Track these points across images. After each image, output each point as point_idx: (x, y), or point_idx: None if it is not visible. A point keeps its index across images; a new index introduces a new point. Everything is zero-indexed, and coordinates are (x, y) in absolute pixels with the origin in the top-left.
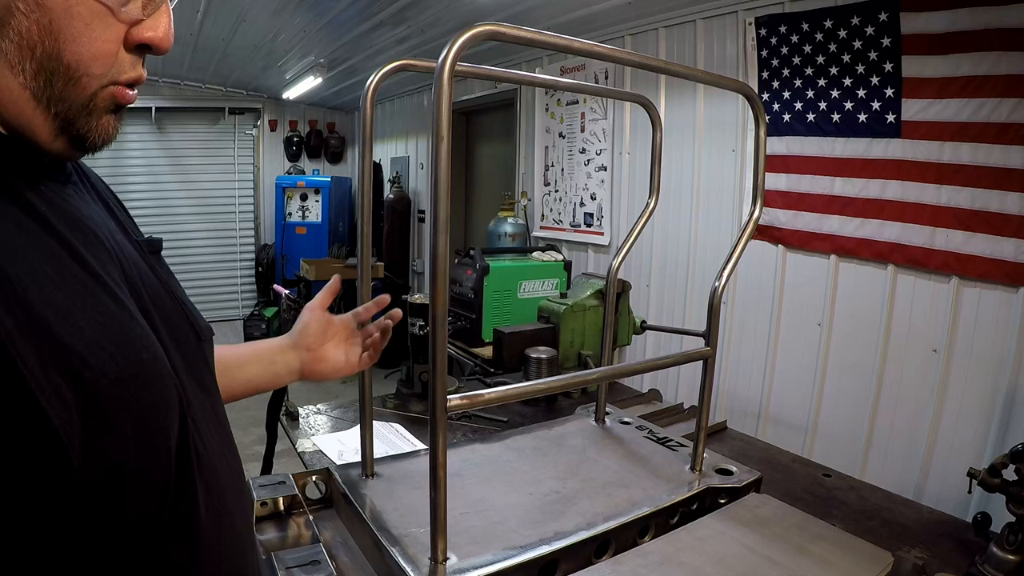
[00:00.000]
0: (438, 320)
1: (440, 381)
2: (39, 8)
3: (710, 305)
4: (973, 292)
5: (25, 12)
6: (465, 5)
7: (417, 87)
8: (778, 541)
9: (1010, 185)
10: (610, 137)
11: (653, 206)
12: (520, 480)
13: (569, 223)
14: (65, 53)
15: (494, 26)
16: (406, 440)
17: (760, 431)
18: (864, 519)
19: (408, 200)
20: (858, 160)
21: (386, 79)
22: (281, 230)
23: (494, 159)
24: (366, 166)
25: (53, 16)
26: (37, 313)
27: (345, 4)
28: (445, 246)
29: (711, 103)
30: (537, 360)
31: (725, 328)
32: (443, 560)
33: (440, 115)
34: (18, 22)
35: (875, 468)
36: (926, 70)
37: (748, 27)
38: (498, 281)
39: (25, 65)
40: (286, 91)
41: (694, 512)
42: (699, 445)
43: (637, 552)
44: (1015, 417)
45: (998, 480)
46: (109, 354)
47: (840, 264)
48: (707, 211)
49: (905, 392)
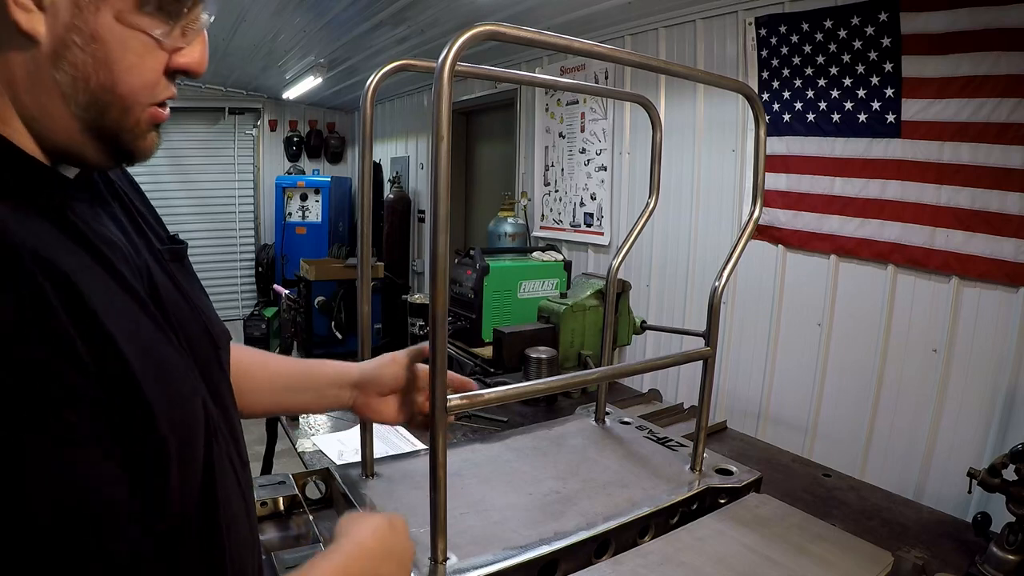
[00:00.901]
0: (438, 320)
1: (440, 381)
2: (95, 42)
3: (710, 305)
4: (973, 292)
5: (81, 46)
6: (465, 5)
7: (417, 87)
8: (778, 541)
9: (1010, 185)
10: (610, 137)
11: (653, 206)
12: (520, 480)
13: (569, 223)
14: (119, 84)
15: (494, 26)
16: (406, 440)
17: (760, 431)
18: (864, 519)
19: (408, 200)
20: (858, 160)
21: (386, 79)
22: (281, 230)
23: (494, 159)
24: (366, 166)
25: (108, 49)
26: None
27: (345, 4)
28: (445, 246)
29: (711, 103)
30: (537, 360)
31: (725, 328)
32: (443, 560)
33: (440, 115)
34: (74, 55)
35: (875, 468)
36: (926, 70)
37: (748, 27)
38: (498, 281)
39: (78, 96)
40: (286, 91)
41: (694, 512)
42: (699, 445)
43: (637, 552)
44: (1015, 417)
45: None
46: (153, 376)
47: (840, 264)
48: (707, 211)
49: (905, 392)
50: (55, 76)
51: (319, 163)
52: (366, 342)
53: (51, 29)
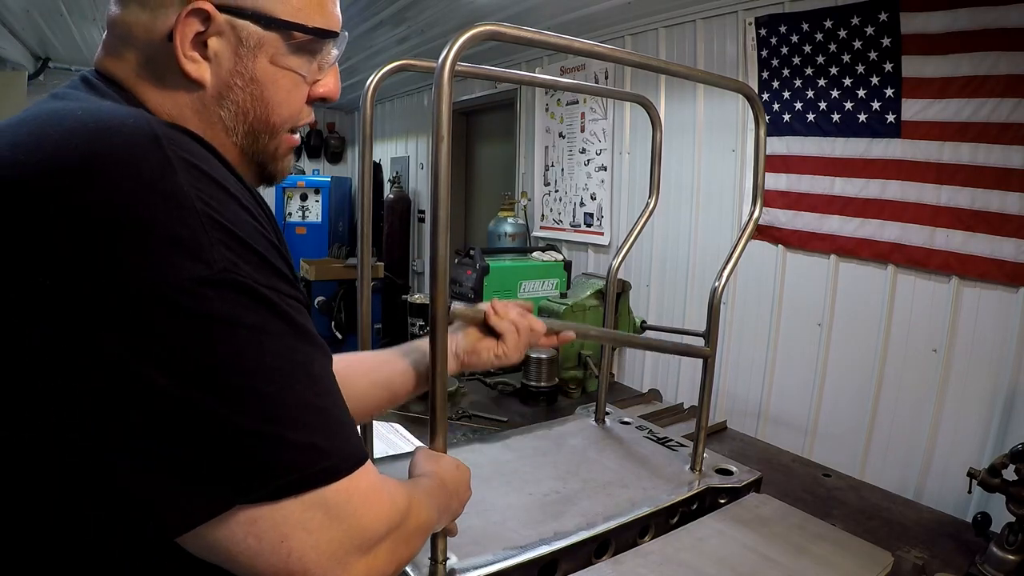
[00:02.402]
0: (438, 320)
1: (440, 380)
2: (253, 83)
3: (710, 305)
4: (973, 292)
5: (242, 87)
6: (465, 5)
7: (417, 87)
8: (778, 541)
9: (1010, 185)
10: (610, 137)
11: (653, 206)
12: (520, 480)
13: (569, 223)
14: (272, 116)
15: (494, 26)
16: (406, 440)
17: (760, 431)
18: (864, 519)
19: (408, 200)
20: (858, 160)
21: (386, 79)
22: (281, 230)
23: (494, 159)
24: (366, 166)
25: (264, 88)
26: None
27: (345, 4)
28: (445, 246)
29: (711, 103)
30: (537, 360)
31: (725, 328)
32: (443, 560)
33: (440, 115)
34: (235, 95)
35: (875, 468)
36: (926, 70)
37: (748, 27)
38: (498, 281)
39: (239, 128)
40: None
41: (694, 512)
42: (699, 445)
43: (637, 552)
44: (1015, 417)
45: (998, 480)
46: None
47: (840, 264)
48: (707, 211)
49: (905, 392)
50: (220, 113)
51: (319, 163)
52: (366, 342)
53: (215, 75)
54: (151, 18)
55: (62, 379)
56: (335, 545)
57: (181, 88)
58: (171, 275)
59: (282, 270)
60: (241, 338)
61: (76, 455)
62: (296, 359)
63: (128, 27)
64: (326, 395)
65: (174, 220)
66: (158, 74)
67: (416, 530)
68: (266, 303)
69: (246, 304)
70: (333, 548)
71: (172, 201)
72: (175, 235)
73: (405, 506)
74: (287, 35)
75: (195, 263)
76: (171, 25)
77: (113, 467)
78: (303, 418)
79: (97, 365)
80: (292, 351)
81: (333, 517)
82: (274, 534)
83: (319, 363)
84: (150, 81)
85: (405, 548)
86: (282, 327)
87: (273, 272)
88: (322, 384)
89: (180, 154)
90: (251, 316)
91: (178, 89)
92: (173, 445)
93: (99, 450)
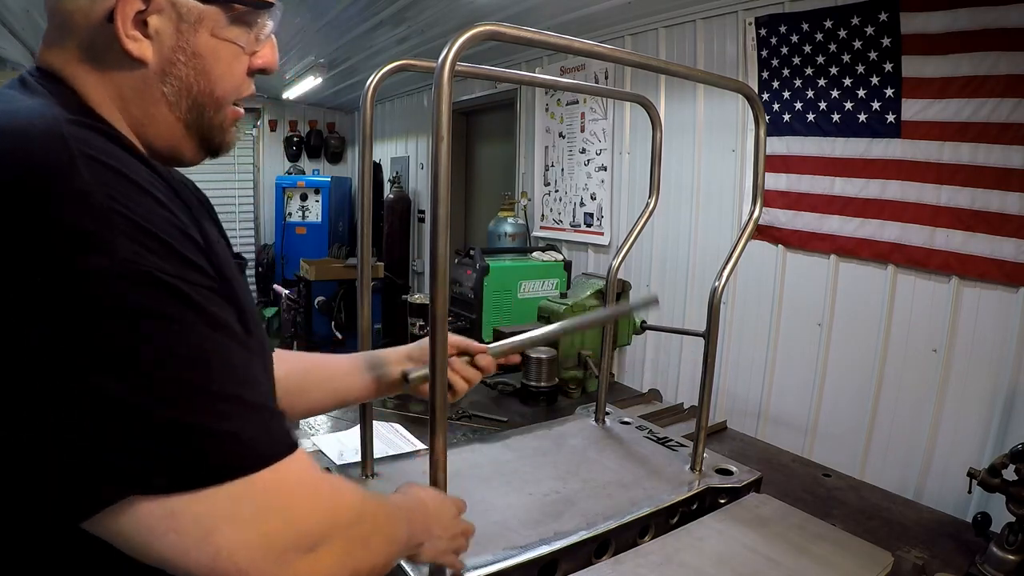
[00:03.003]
0: (438, 320)
1: (440, 381)
2: (196, 57)
3: (710, 305)
4: (973, 292)
5: (184, 62)
6: (465, 5)
7: (417, 87)
8: (778, 541)
9: (1010, 185)
10: (610, 137)
11: (653, 206)
12: (520, 480)
13: (569, 223)
14: (216, 89)
15: (494, 26)
16: (406, 440)
17: (760, 431)
18: (864, 519)
19: (408, 200)
20: (858, 160)
21: (386, 79)
22: (281, 230)
23: (494, 159)
24: (366, 166)
25: (206, 61)
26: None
27: (345, 4)
28: (445, 246)
29: (711, 103)
30: (537, 360)
31: (725, 328)
32: None
33: (440, 115)
34: (178, 70)
35: (875, 468)
36: (926, 70)
37: (748, 27)
38: (498, 281)
39: (182, 103)
40: (286, 91)
41: (694, 512)
42: (699, 445)
43: (637, 552)
44: (1015, 417)
45: (998, 480)
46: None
47: (840, 264)
48: (707, 211)
49: (905, 392)
50: (163, 89)
51: (319, 163)
52: (366, 342)
53: (157, 52)
54: (90, 2)
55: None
56: (269, 540)
57: (123, 68)
58: (75, 267)
59: (193, 259)
60: (146, 327)
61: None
62: (206, 347)
63: (68, 15)
64: (242, 383)
65: (78, 215)
66: (98, 58)
67: (376, 536)
68: (173, 292)
69: (151, 294)
70: (267, 543)
71: (76, 197)
72: (79, 229)
73: (355, 505)
74: (227, 7)
75: (99, 255)
76: (110, 7)
77: (25, 453)
78: (215, 406)
79: (5, 353)
80: (202, 339)
81: (263, 508)
82: (196, 529)
83: (235, 352)
84: (90, 65)
85: (364, 553)
86: (191, 316)
87: (182, 262)
88: (237, 372)
89: (86, 151)
90: (156, 305)
91: (120, 69)
92: (76, 433)
93: (13, 438)
